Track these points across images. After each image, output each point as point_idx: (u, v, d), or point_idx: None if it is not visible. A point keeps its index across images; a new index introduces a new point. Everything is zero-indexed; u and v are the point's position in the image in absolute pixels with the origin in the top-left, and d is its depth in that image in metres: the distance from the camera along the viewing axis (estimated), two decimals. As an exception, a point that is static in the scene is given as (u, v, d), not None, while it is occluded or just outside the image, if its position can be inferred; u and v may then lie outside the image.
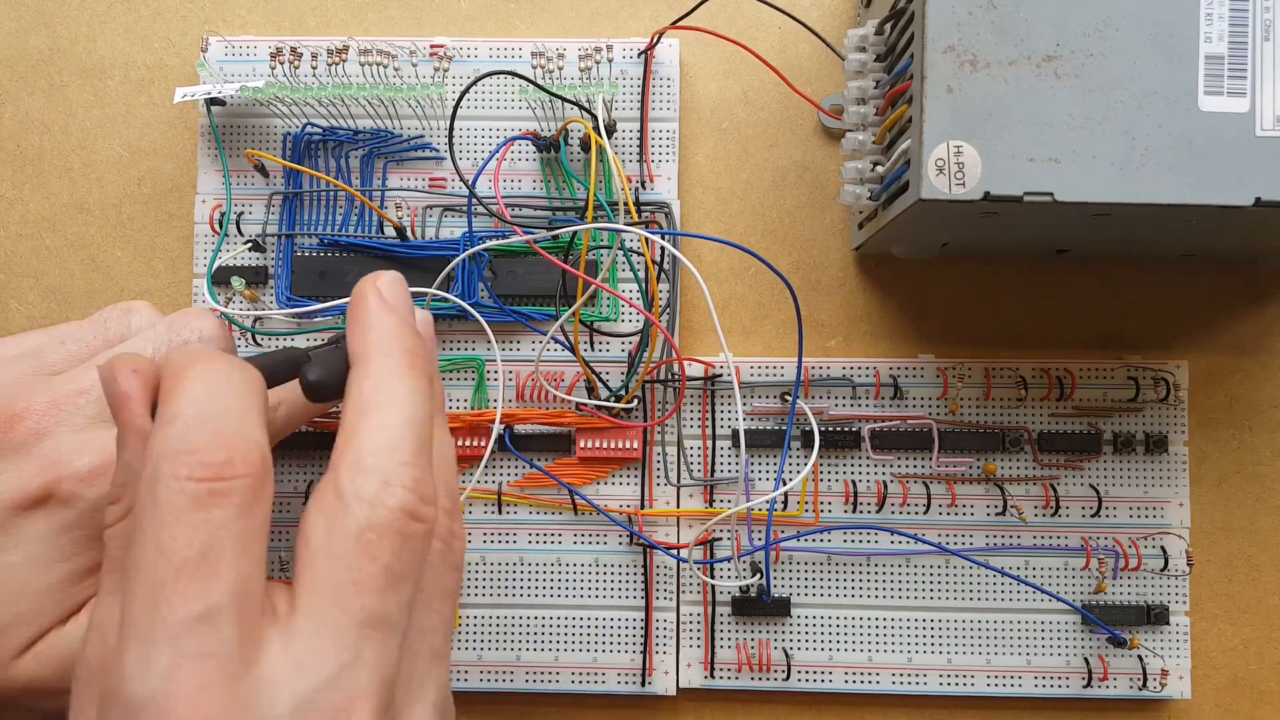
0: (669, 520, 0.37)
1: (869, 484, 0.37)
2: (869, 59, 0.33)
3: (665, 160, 0.37)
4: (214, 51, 0.37)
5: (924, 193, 0.27)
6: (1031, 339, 0.38)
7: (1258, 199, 0.27)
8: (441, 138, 0.37)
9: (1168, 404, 0.37)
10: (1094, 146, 0.27)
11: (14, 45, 0.39)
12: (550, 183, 0.37)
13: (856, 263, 0.38)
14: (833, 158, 0.38)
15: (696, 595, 0.36)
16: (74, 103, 0.39)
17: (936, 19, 0.27)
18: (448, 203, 0.37)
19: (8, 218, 0.39)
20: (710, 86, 0.39)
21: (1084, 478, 0.37)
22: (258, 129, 0.37)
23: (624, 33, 0.38)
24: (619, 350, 0.37)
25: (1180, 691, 0.36)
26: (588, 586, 0.37)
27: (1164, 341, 0.38)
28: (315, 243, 0.37)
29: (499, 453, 0.37)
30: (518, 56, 0.37)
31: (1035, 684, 0.36)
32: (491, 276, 0.37)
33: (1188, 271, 0.38)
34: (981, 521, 0.36)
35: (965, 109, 0.27)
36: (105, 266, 0.38)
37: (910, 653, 0.36)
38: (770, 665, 0.36)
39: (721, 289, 0.38)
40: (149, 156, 0.39)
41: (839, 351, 0.38)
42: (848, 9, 0.38)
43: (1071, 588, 0.36)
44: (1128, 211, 0.28)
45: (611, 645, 0.36)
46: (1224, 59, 0.27)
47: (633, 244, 0.36)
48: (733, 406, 0.37)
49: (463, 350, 0.37)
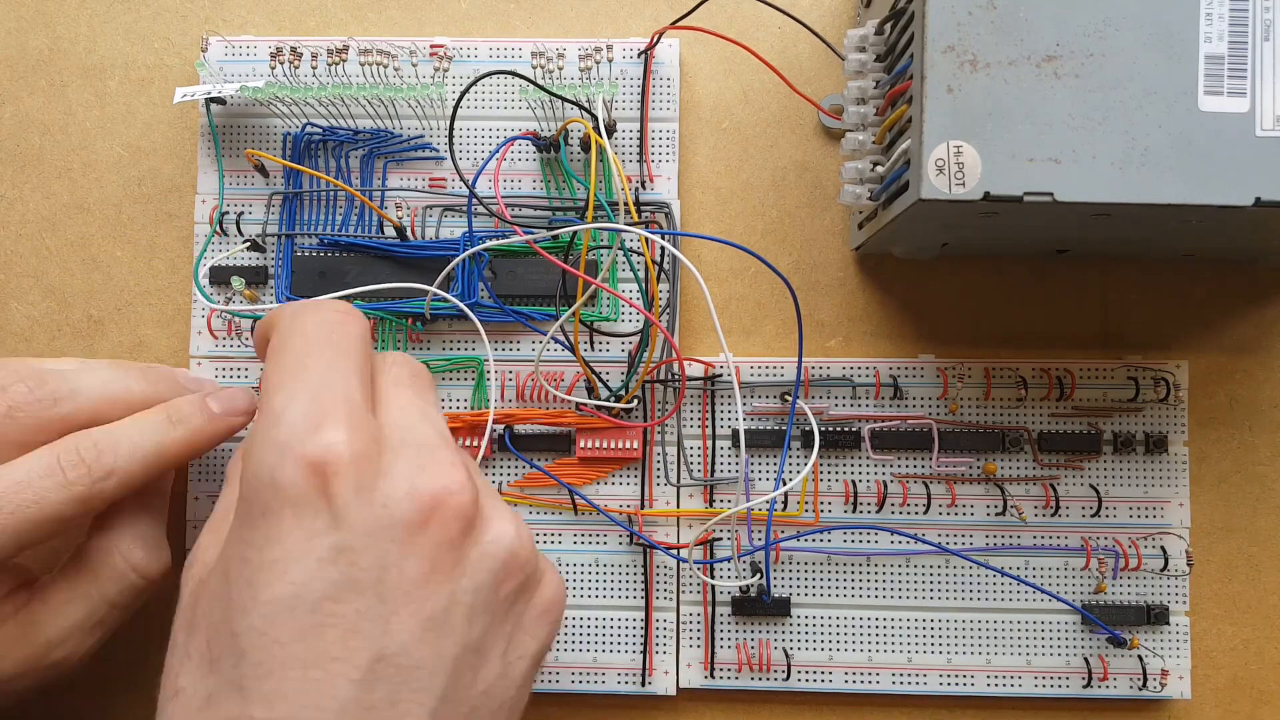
0: (669, 520, 0.37)
1: (869, 484, 0.37)
2: (869, 59, 0.33)
3: (665, 160, 0.37)
4: (214, 51, 0.37)
5: (924, 193, 0.27)
6: (1031, 339, 0.38)
7: (1258, 199, 0.27)
8: (441, 138, 0.37)
9: (1168, 404, 0.37)
10: (1094, 146, 0.27)
11: (14, 45, 0.39)
12: (550, 183, 0.37)
13: (856, 263, 0.38)
14: (833, 158, 0.38)
15: (696, 595, 0.36)
16: (74, 103, 0.39)
17: (936, 19, 0.27)
18: (448, 203, 0.37)
19: (8, 218, 0.39)
20: (710, 86, 0.39)
21: (1084, 478, 0.37)
22: (258, 129, 0.37)
23: (624, 33, 0.38)
24: (619, 350, 0.37)
25: (1180, 691, 0.36)
26: (588, 586, 0.37)
27: (1164, 341, 0.38)
28: (315, 243, 0.37)
29: (499, 453, 0.37)
30: (518, 56, 0.37)
31: (1035, 684, 0.36)
32: (491, 276, 0.37)
33: (1188, 271, 0.38)
34: (981, 521, 0.36)
35: (965, 109, 0.27)
36: (105, 266, 0.38)
37: (910, 653, 0.36)
38: (770, 665, 0.36)
39: (721, 289, 0.38)
40: (149, 156, 0.39)
41: (839, 351, 0.38)
42: (848, 9, 0.38)
43: (1071, 588, 0.36)
44: (1128, 211, 0.28)
45: (611, 645, 0.36)
46: (1224, 59, 0.27)
47: (633, 244, 0.36)
48: (733, 406, 0.37)
49: (463, 350, 0.37)
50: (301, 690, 0.23)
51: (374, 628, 0.24)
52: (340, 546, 0.24)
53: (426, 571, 0.24)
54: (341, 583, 0.24)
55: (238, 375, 0.37)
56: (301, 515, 0.24)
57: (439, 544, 0.25)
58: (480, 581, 0.26)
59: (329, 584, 0.24)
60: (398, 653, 0.24)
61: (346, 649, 0.23)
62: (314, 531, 0.24)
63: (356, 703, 0.23)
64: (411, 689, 0.24)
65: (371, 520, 0.24)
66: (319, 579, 0.24)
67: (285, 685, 0.23)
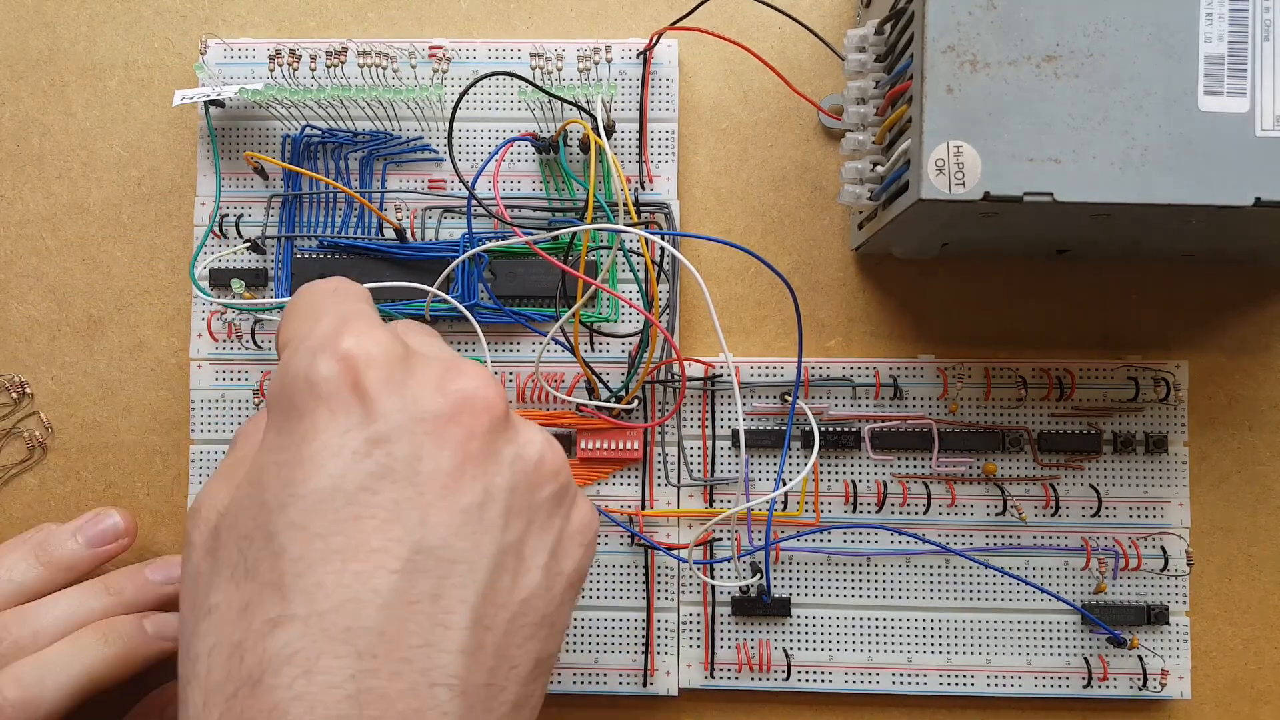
0: (669, 521, 0.37)
1: (869, 484, 0.37)
2: (869, 59, 0.33)
3: (664, 160, 0.37)
4: (213, 54, 0.37)
5: (924, 193, 0.27)
6: (1031, 339, 0.38)
7: (1257, 199, 0.27)
8: (441, 139, 0.37)
9: (1168, 404, 0.37)
10: (1094, 146, 0.27)
11: (14, 45, 0.39)
12: (550, 184, 0.37)
13: (856, 263, 0.38)
14: (833, 158, 0.38)
15: (697, 595, 0.36)
16: (74, 103, 0.39)
17: (936, 19, 0.27)
18: (447, 204, 0.37)
19: (8, 218, 0.39)
20: (710, 87, 0.39)
21: (1084, 478, 0.37)
22: (257, 131, 0.37)
23: (623, 33, 0.38)
24: (619, 351, 0.37)
25: (1180, 691, 0.36)
26: (589, 587, 0.36)
27: (1164, 341, 0.38)
28: (315, 245, 0.37)
29: (499, 453, 0.37)
30: (517, 57, 0.37)
31: (1035, 684, 0.36)
32: (491, 278, 0.37)
33: (1188, 271, 0.38)
34: (981, 521, 0.36)
35: (965, 109, 0.27)
36: (105, 266, 0.38)
37: (910, 653, 0.36)
38: (770, 665, 0.36)
39: (721, 289, 0.38)
40: (149, 157, 0.39)
41: (839, 351, 0.38)
42: (848, 9, 0.38)
43: (1071, 588, 0.36)
44: (1128, 211, 0.28)
45: (613, 646, 0.36)
46: (1224, 59, 0.27)
47: (632, 244, 0.36)
48: (733, 407, 0.37)
49: (463, 352, 0.37)
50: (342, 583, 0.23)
51: (412, 517, 0.24)
52: (375, 438, 0.24)
53: (460, 462, 0.24)
54: (377, 473, 0.24)
55: (238, 377, 0.37)
56: (336, 410, 0.24)
57: (471, 435, 0.25)
58: (515, 480, 0.25)
59: (365, 475, 0.24)
60: (437, 545, 0.24)
61: (386, 539, 0.23)
62: (349, 425, 0.24)
63: (399, 595, 0.23)
64: (453, 583, 0.24)
65: (404, 413, 0.24)
66: (355, 470, 0.24)
67: (326, 579, 0.23)
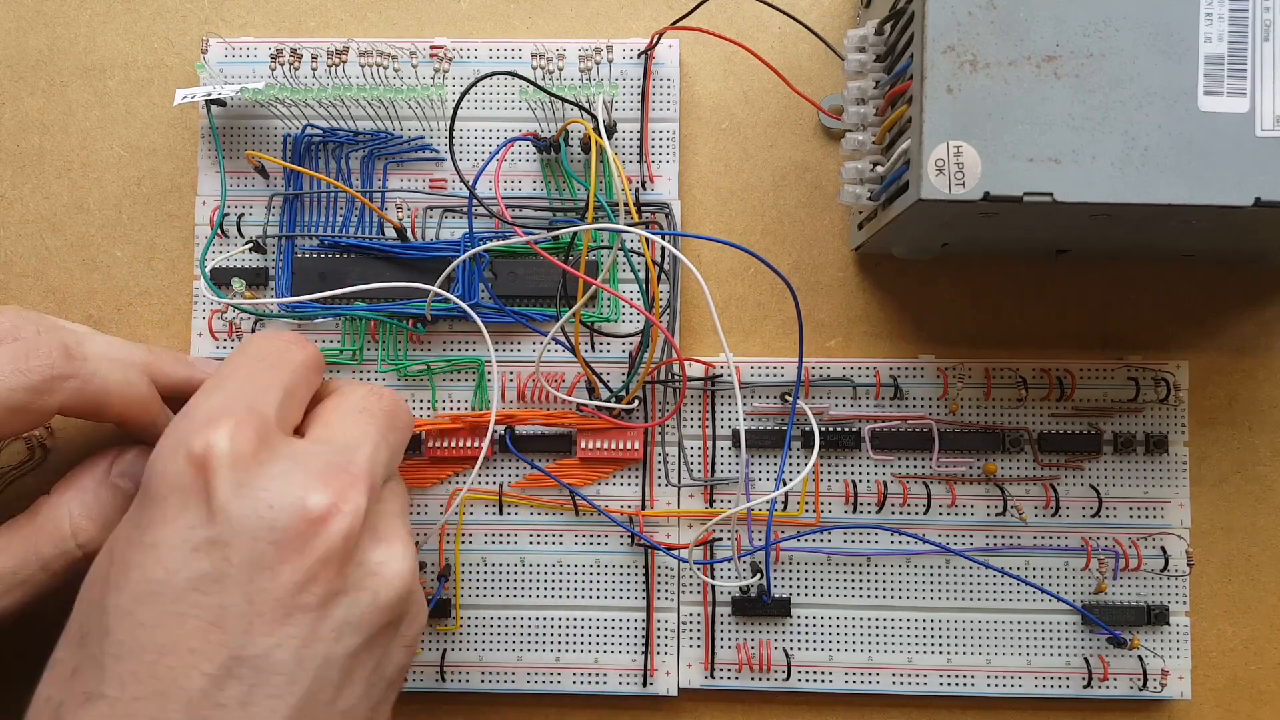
0: (670, 521, 0.37)
1: (869, 484, 0.37)
2: (869, 59, 0.33)
3: (665, 161, 0.37)
4: (214, 53, 0.37)
5: (924, 193, 0.27)
6: (1031, 339, 0.38)
7: (1257, 199, 0.27)
8: (442, 138, 0.37)
9: (1168, 404, 0.37)
10: (1094, 146, 0.27)
11: (14, 45, 0.39)
12: (550, 183, 0.37)
13: (856, 263, 0.38)
14: (833, 158, 0.38)
15: (697, 595, 0.36)
16: (74, 103, 0.39)
17: (936, 19, 0.27)
18: (448, 204, 0.37)
19: (8, 218, 0.39)
20: (710, 87, 0.39)
21: (1084, 478, 0.37)
22: (258, 130, 0.37)
23: (624, 33, 0.39)
24: (619, 351, 0.37)
25: (1180, 692, 0.36)
26: (589, 587, 0.37)
27: (1164, 341, 0.38)
28: (316, 244, 0.37)
29: (500, 453, 0.37)
30: (518, 57, 0.37)
31: (1035, 684, 0.36)
32: (492, 277, 0.37)
33: (1188, 271, 0.38)
34: (981, 521, 0.36)
35: (965, 109, 0.27)
36: (105, 266, 0.38)
37: (910, 653, 0.36)
38: (770, 665, 0.36)
39: (721, 289, 0.38)
40: (149, 156, 0.39)
41: (839, 351, 0.38)
42: (848, 9, 0.38)
43: (1071, 588, 0.36)
44: (1128, 211, 0.28)
45: (613, 646, 0.36)
46: (1224, 59, 0.27)
47: (633, 244, 0.36)
48: (733, 407, 0.37)
49: (464, 351, 0.37)
50: (154, 675, 0.23)
51: (237, 625, 0.24)
52: (215, 540, 0.24)
53: (301, 581, 0.25)
54: (211, 575, 0.24)
55: (238, 376, 0.37)
56: (184, 505, 0.25)
57: (320, 558, 0.25)
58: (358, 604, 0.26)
59: (197, 574, 0.24)
60: (257, 655, 0.24)
61: (205, 642, 0.24)
62: (192, 522, 0.25)
63: (206, 697, 0.24)
64: (266, 693, 0.24)
65: (252, 520, 0.25)
66: (188, 568, 0.24)
67: (140, 668, 0.23)
